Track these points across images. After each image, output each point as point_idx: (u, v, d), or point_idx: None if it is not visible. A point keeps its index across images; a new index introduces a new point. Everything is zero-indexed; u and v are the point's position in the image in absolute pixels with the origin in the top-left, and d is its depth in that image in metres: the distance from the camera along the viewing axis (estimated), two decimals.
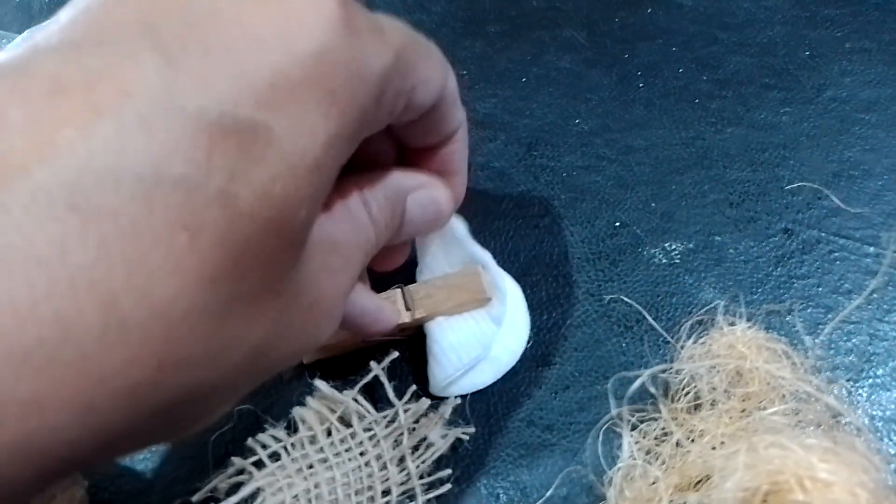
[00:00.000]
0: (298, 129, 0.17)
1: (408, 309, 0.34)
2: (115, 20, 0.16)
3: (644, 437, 0.30)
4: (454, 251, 0.35)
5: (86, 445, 0.15)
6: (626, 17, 0.49)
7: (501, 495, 0.31)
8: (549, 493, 0.30)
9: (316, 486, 0.30)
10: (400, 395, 0.32)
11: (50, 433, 0.14)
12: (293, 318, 0.20)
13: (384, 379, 0.32)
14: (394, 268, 0.30)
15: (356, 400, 0.32)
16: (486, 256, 0.35)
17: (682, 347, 0.32)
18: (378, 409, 0.32)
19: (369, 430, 0.31)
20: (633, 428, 0.30)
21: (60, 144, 0.14)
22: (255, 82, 0.16)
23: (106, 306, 0.14)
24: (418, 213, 0.27)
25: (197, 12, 0.16)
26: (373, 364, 0.32)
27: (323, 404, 0.32)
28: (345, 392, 0.32)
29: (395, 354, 0.33)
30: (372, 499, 0.30)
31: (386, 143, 0.27)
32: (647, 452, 0.29)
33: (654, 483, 0.28)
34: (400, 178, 0.26)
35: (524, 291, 0.36)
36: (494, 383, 0.33)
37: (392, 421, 0.32)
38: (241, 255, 0.16)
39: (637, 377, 0.31)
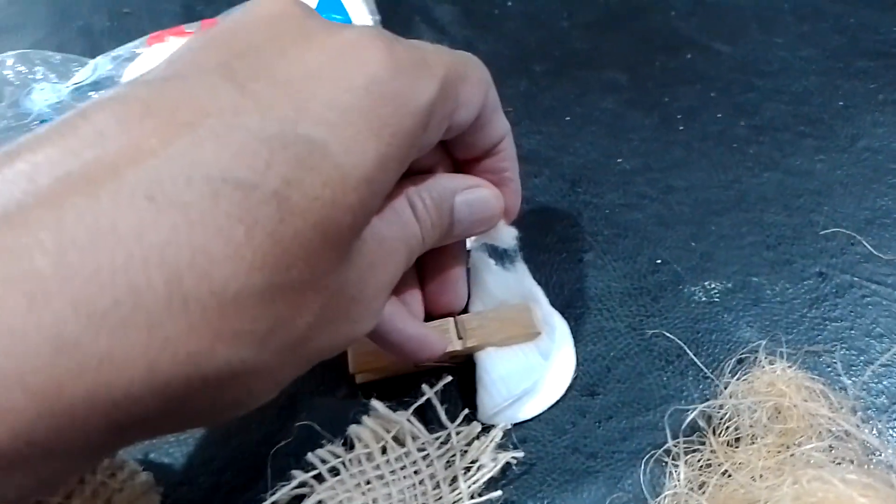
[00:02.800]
0: (351, 146, 0.20)
1: (459, 338, 0.35)
2: (198, 62, 0.20)
3: (688, 468, 0.31)
4: (507, 285, 0.37)
5: (150, 403, 0.17)
6: (666, 62, 0.51)
7: None
8: None
9: (374, 501, 0.31)
10: (451, 419, 0.34)
11: (120, 387, 0.16)
12: (336, 310, 0.22)
13: (436, 402, 0.34)
14: (453, 311, 0.32)
15: (409, 421, 0.34)
16: (538, 292, 0.37)
17: (724, 384, 0.33)
18: (430, 431, 0.34)
19: (422, 450, 0.33)
20: (677, 458, 0.32)
21: (145, 151, 0.17)
22: (312, 106, 0.19)
23: (171, 282, 0.16)
24: (467, 212, 0.29)
25: (266, 54, 0.20)
26: (425, 387, 0.34)
27: (378, 423, 0.34)
28: (398, 413, 0.34)
29: (448, 379, 0.34)
30: None
31: (439, 155, 0.29)
32: (690, 482, 0.31)
33: None
34: (446, 180, 0.29)
35: (569, 323, 0.38)
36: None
37: (444, 442, 0.33)
38: (289, 248, 0.18)
39: (682, 410, 0.33)
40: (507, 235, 0.37)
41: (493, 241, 0.36)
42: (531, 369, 0.35)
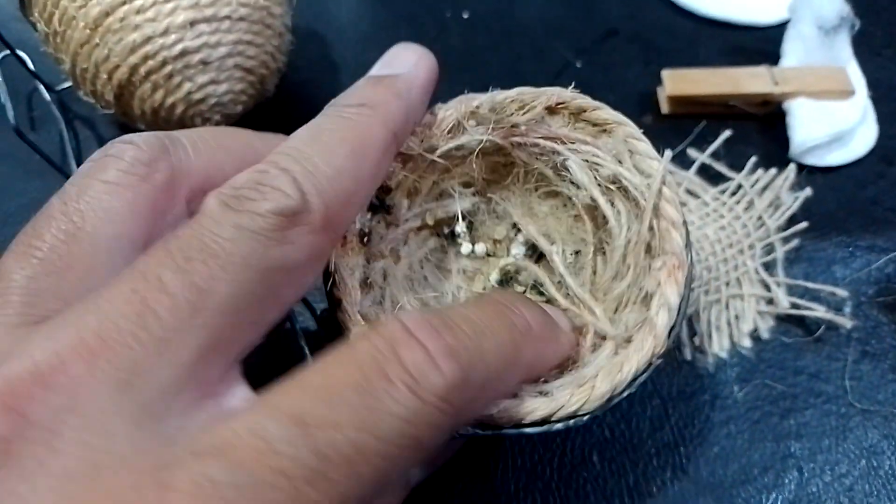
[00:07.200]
0: None
1: (775, 83, 0.37)
2: None
3: None
4: (825, 48, 0.37)
5: None
6: None
7: (849, 255, 0.34)
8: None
9: (696, 240, 0.34)
10: (739, 168, 0.36)
11: None
12: None
13: (713, 161, 0.36)
14: None
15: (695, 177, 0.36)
16: (853, 63, 0.38)
17: None
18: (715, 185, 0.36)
19: (717, 199, 0.35)
20: None
21: None
22: None
23: None
24: None
25: None
26: (694, 151, 0.36)
27: None
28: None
29: (727, 134, 0.37)
30: (741, 251, 0.33)
31: None
32: None
33: None
34: None
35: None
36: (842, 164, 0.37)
37: (734, 192, 0.35)
38: None
39: None
40: (832, 13, 0.37)
41: (818, 22, 0.37)
42: (842, 119, 0.36)
